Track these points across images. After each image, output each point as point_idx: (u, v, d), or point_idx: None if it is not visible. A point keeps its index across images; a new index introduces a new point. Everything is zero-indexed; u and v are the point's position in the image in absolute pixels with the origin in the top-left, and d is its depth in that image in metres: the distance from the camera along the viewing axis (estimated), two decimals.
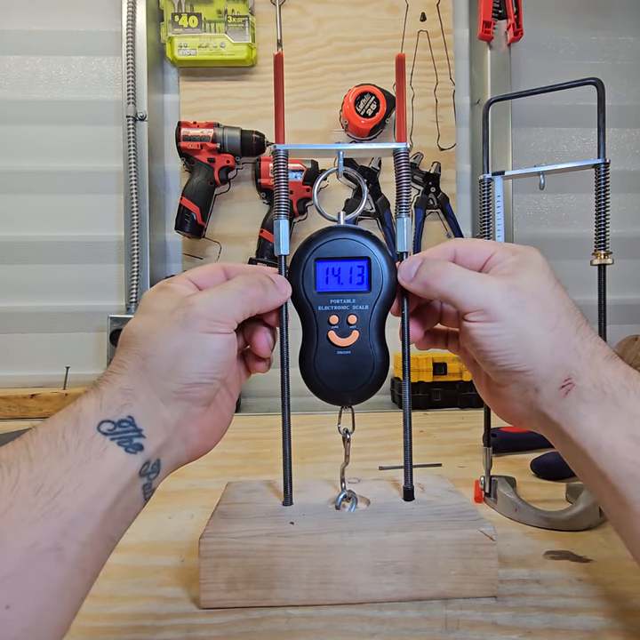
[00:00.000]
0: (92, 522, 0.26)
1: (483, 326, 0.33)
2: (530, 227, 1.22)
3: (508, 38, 1.11)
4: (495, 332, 0.33)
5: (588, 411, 0.31)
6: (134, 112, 1.06)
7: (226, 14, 1.10)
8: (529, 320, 0.33)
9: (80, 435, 0.28)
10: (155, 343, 0.32)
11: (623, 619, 0.32)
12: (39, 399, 1.00)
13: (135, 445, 0.29)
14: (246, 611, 0.34)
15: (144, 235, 1.06)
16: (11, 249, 1.14)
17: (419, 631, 0.32)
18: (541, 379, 0.33)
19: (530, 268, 0.34)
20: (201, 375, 0.32)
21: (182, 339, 0.32)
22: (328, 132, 1.16)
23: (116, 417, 0.29)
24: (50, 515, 0.24)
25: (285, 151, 0.39)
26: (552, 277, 0.35)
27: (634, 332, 1.11)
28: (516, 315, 0.33)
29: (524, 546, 0.42)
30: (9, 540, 0.23)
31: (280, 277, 0.38)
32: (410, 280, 0.36)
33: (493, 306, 0.33)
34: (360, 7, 1.16)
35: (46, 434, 0.27)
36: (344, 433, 0.40)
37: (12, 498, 0.24)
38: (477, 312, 0.33)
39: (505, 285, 0.33)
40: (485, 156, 0.53)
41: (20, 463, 0.25)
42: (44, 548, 0.24)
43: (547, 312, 0.33)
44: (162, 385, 0.31)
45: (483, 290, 0.33)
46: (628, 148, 1.24)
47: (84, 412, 0.29)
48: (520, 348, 0.33)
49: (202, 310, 0.33)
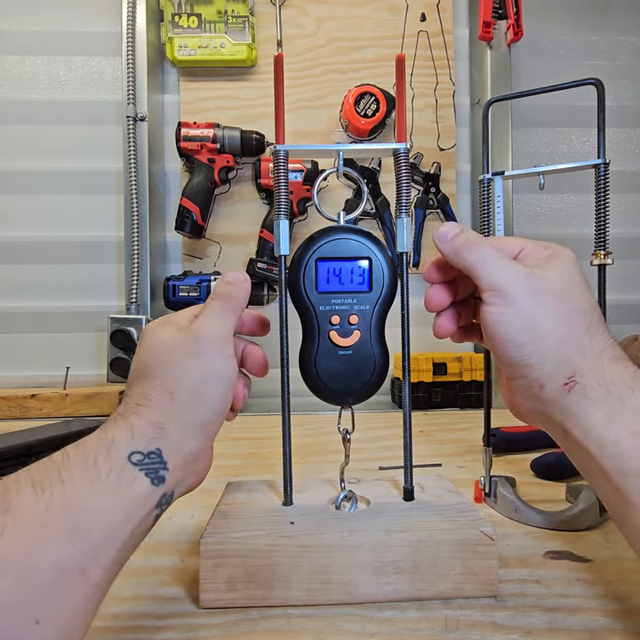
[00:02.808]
0: (114, 547, 0.27)
1: (495, 310, 0.33)
2: (530, 227, 1.22)
3: (508, 38, 1.11)
4: (507, 318, 0.33)
5: (592, 408, 0.31)
6: (134, 112, 1.06)
7: (226, 14, 1.10)
8: (541, 311, 0.33)
9: (112, 462, 0.29)
10: (176, 376, 0.34)
11: (623, 618, 0.32)
12: (39, 399, 1.00)
13: (160, 477, 0.30)
14: (246, 610, 0.34)
15: (144, 235, 1.06)
16: (11, 249, 1.14)
17: (418, 631, 0.32)
18: (547, 374, 0.33)
19: (558, 263, 0.34)
20: (222, 404, 0.35)
21: (200, 369, 0.34)
22: (328, 132, 1.16)
23: (145, 448, 0.31)
24: (79, 536, 0.26)
25: (285, 151, 0.39)
26: (578, 275, 0.35)
27: (634, 332, 1.11)
28: (528, 302, 0.33)
29: (524, 546, 0.42)
30: (40, 556, 0.24)
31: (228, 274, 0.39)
32: (444, 241, 0.36)
33: (508, 288, 0.33)
34: (360, 7, 1.16)
35: (78, 458, 0.29)
36: (344, 433, 0.40)
37: (47, 517, 0.25)
38: (493, 292, 0.33)
39: (526, 272, 0.33)
40: (485, 156, 0.53)
41: (52, 485, 0.26)
42: (71, 567, 0.25)
43: (561, 307, 0.33)
44: (188, 418, 0.33)
45: (503, 270, 0.33)
46: (628, 149, 1.24)
47: (116, 441, 0.30)
48: (529, 340, 0.33)
49: (209, 337, 0.35)
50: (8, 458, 0.64)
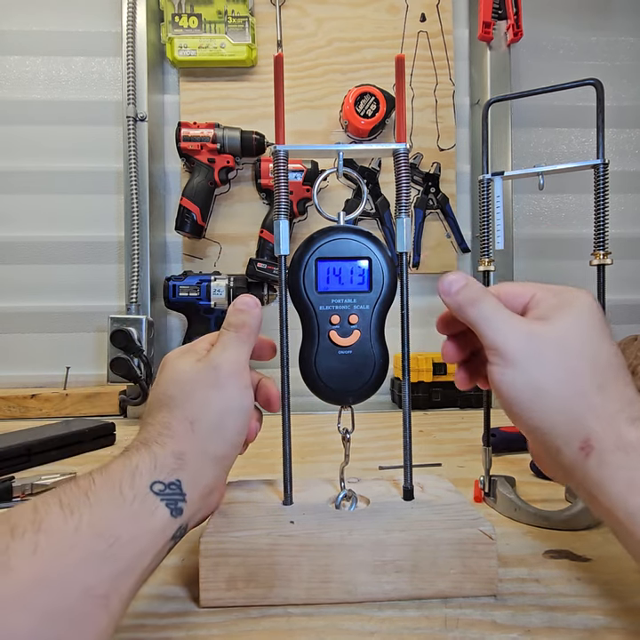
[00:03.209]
0: (134, 577, 0.27)
1: (498, 370, 0.32)
2: (529, 227, 1.22)
3: (507, 39, 1.11)
4: (509, 379, 0.32)
5: (613, 475, 0.29)
6: (134, 112, 1.06)
7: (226, 15, 1.10)
8: (544, 373, 0.31)
9: (136, 490, 0.29)
10: (197, 407, 0.34)
11: (622, 617, 0.32)
12: (39, 399, 1.00)
13: (178, 509, 0.31)
14: (246, 609, 0.34)
15: (144, 235, 1.06)
16: (11, 249, 1.14)
17: (418, 630, 0.32)
18: (560, 438, 0.31)
19: (568, 313, 0.32)
20: (240, 436, 0.35)
21: (220, 400, 0.35)
22: (328, 132, 1.16)
23: (166, 479, 0.31)
24: (107, 562, 0.26)
25: (285, 152, 0.39)
26: (592, 325, 0.32)
27: (634, 332, 1.11)
28: (531, 365, 0.31)
29: (524, 545, 0.42)
30: (71, 580, 0.24)
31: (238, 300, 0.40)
32: (447, 294, 0.35)
33: (509, 350, 0.32)
34: (360, 8, 1.16)
35: (104, 484, 0.29)
36: (344, 433, 0.40)
37: (76, 539, 0.25)
38: (494, 351, 0.32)
39: (528, 330, 0.32)
40: (485, 156, 0.53)
41: (81, 508, 0.26)
42: (97, 594, 0.25)
43: (568, 366, 0.31)
44: (207, 450, 0.34)
45: (504, 330, 0.32)
46: (628, 149, 1.24)
47: (140, 469, 0.30)
48: (533, 401, 0.31)
49: (227, 370, 0.35)
50: (8, 458, 0.64)
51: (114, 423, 0.79)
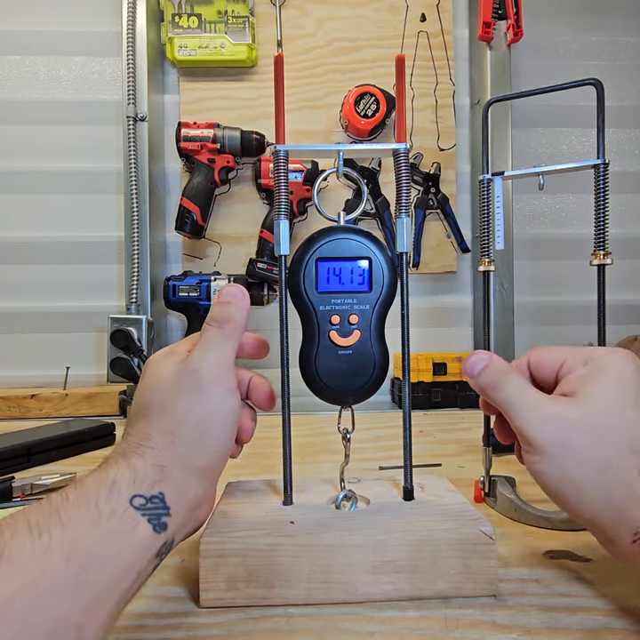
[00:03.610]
0: (112, 600, 0.25)
1: (528, 458, 0.31)
2: (529, 227, 1.22)
3: (507, 39, 1.11)
4: (540, 468, 0.30)
5: None
6: (134, 112, 1.06)
7: (226, 15, 1.10)
8: (574, 459, 0.29)
9: (113, 504, 0.27)
10: (176, 417, 0.32)
11: (622, 618, 0.32)
12: (39, 399, 1.00)
13: (162, 524, 0.29)
14: (246, 610, 0.34)
15: (144, 235, 1.06)
16: (11, 249, 1.14)
17: (418, 630, 0.32)
18: (608, 529, 0.29)
19: (598, 386, 0.30)
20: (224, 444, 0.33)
21: (200, 408, 0.32)
22: (328, 132, 1.16)
23: (148, 492, 0.29)
24: (80, 588, 0.24)
25: (286, 152, 0.39)
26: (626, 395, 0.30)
27: (634, 332, 1.11)
28: (558, 452, 0.29)
29: (524, 545, 0.42)
30: (39, 610, 0.22)
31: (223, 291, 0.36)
32: (471, 377, 0.35)
33: (535, 438, 0.30)
34: (360, 8, 1.16)
35: (78, 500, 0.27)
36: (344, 433, 0.40)
37: (45, 564, 0.23)
38: (521, 438, 0.31)
39: (552, 414, 0.30)
40: (485, 156, 0.53)
41: (51, 528, 0.24)
42: (69, 623, 0.23)
43: (599, 449, 0.29)
44: (190, 461, 0.32)
45: (527, 417, 0.31)
46: (628, 149, 1.24)
47: (118, 483, 0.28)
48: (570, 491, 0.29)
49: (208, 372, 0.33)
50: (8, 458, 0.64)
51: (114, 423, 0.79)
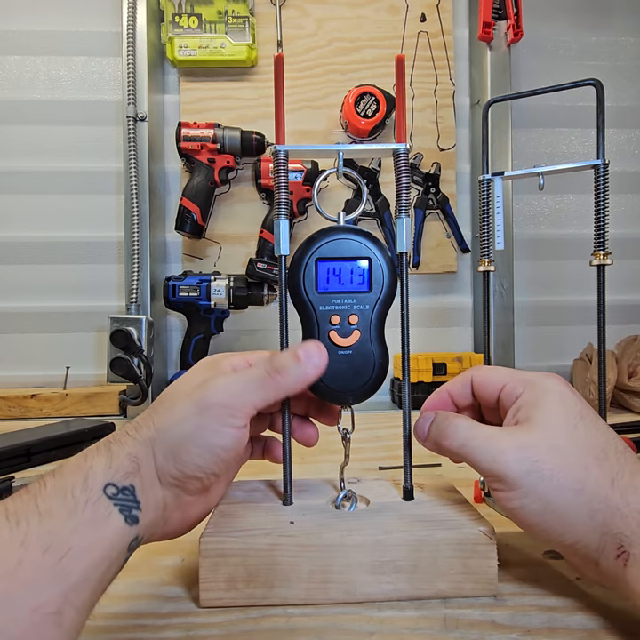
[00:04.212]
0: (88, 589, 0.25)
1: (504, 496, 0.30)
2: (529, 227, 1.22)
3: (507, 39, 1.11)
4: (518, 504, 0.30)
5: None
6: (134, 112, 1.06)
7: (226, 15, 1.10)
8: (551, 485, 0.29)
9: (88, 493, 0.27)
10: (168, 418, 0.32)
11: (621, 618, 0.32)
12: (39, 399, 1.00)
13: (133, 517, 0.28)
14: (246, 610, 0.34)
15: (144, 235, 1.06)
16: (11, 249, 1.14)
17: (418, 630, 0.32)
18: (593, 550, 0.29)
19: (545, 409, 0.31)
20: (199, 469, 0.32)
21: (192, 425, 0.31)
22: (328, 132, 1.16)
23: (120, 482, 0.29)
24: (57, 577, 0.24)
25: (286, 152, 0.39)
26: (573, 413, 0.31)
27: (634, 332, 1.11)
28: (533, 481, 0.29)
29: (524, 545, 0.42)
30: (17, 601, 0.22)
31: (311, 345, 0.34)
32: (424, 439, 0.35)
33: (505, 473, 0.30)
34: (360, 8, 1.16)
35: (55, 488, 0.27)
36: (344, 433, 0.40)
37: (22, 554, 0.23)
38: (492, 478, 0.31)
39: (515, 445, 0.30)
40: (485, 156, 0.53)
41: (28, 517, 0.25)
42: (47, 611, 0.23)
43: (569, 468, 0.29)
44: (162, 465, 0.31)
45: (491, 454, 0.31)
46: (628, 149, 1.24)
47: (94, 469, 0.28)
48: (554, 519, 0.29)
49: (218, 398, 0.31)
50: (8, 458, 0.64)
51: (114, 423, 0.79)
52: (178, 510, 0.33)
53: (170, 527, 0.34)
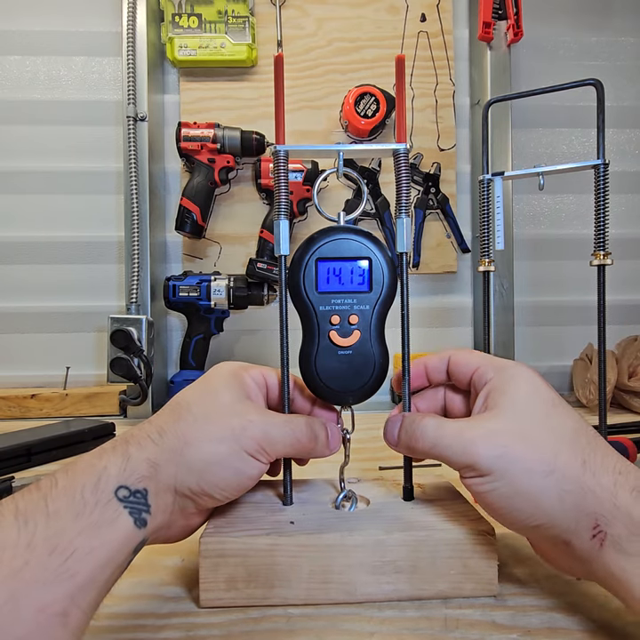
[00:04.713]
0: (95, 590, 0.26)
1: (475, 482, 0.31)
2: (529, 227, 1.22)
3: (507, 39, 1.11)
4: (490, 487, 0.30)
5: (633, 566, 0.27)
6: (134, 112, 1.06)
7: (226, 15, 1.10)
8: (519, 467, 0.30)
9: (98, 495, 0.27)
10: (201, 436, 0.32)
11: (622, 618, 0.32)
12: (39, 399, 1.00)
13: (142, 520, 0.29)
14: (246, 610, 0.34)
15: (144, 235, 1.06)
16: (11, 249, 1.14)
17: (418, 630, 0.32)
18: (565, 530, 0.29)
19: (513, 395, 0.32)
20: (220, 490, 0.33)
21: (227, 449, 0.32)
22: (328, 132, 1.16)
23: (134, 485, 0.29)
24: (62, 578, 0.24)
25: (286, 152, 0.39)
26: (543, 399, 0.32)
27: (634, 332, 1.11)
28: (503, 465, 0.30)
29: (524, 545, 0.42)
30: (22, 601, 0.23)
31: (336, 432, 0.38)
32: (395, 444, 0.37)
33: (477, 460, 0.30)
34: (360, 8, 1.16)
35: (66, 488, 0.27)
36: (344, 433, 0.40)
37: (28, 555, 0.24)
38: (465, 469, 0.31)
39: (484, 433, 0.31)
40: (485, 156, 0.53)
41: (36, 517, 0.25)
42: (53, 612, 0.23)
43: (539, 452, 0.30)
44: (184, 478, 0.31)
45: (462, 445, 0.31)
46: (628, 149, 1.24)
47: (108, 470, 0.29)
48: (523, 501, 0.30)
49: (257, 433, 0.33)
50: (8, 458, 0.64)
51: (114, 423, 0.79)
52: (182, 517, 0.34)
53: (172, 532, 0.34)
